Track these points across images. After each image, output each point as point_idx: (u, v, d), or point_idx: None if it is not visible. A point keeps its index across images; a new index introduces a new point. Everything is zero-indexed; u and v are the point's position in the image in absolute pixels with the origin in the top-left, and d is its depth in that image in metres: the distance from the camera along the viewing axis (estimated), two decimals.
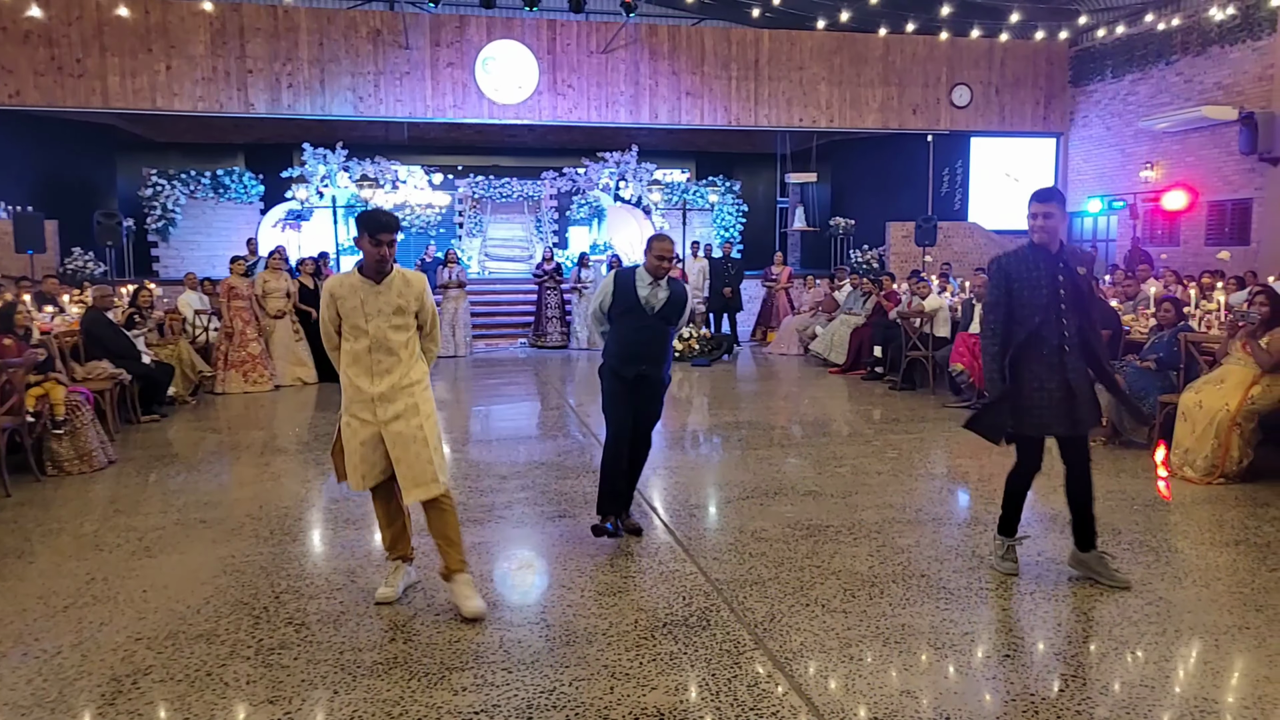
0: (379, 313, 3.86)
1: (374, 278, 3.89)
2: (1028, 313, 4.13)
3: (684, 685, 3.32)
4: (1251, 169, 14.77)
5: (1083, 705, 3.15)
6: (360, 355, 3.90)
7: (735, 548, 4.84)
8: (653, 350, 4.83)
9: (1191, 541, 4.93)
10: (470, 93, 16.90)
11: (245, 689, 3.32)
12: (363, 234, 3.83)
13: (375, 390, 3.87)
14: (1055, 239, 4.13)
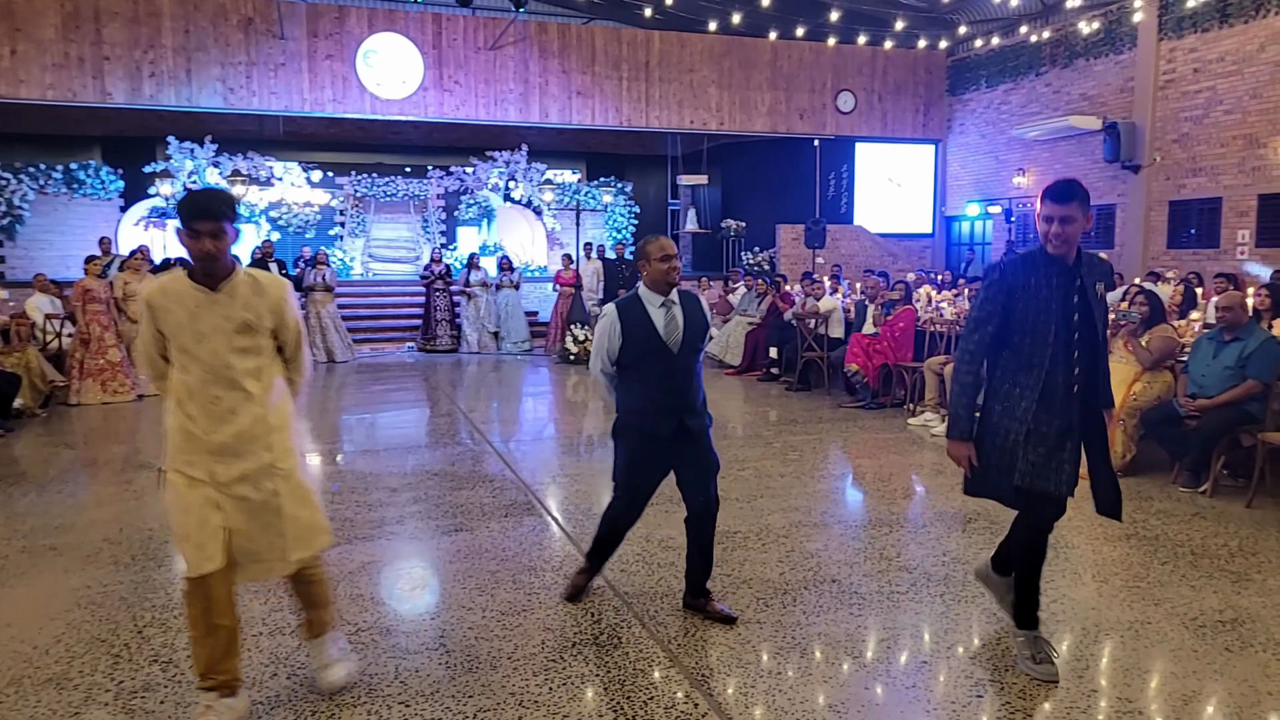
0: (216, 330, 2.83)
1: (206, 283, 2.84)
2: (1028, 339, 3.25)
3: (598, 711, 3.11)
4: (1115, 176, 15.51)
5: (1002, 710, 3.09)
6: (193, 390, 2.84)
7: (643, 558, 4.65)
8: (688, 392, 3.74)
9: (1085, 537, 5.01)
10: (351, 87, 16.26)
11: None
12: (180, 226, 2.85)
13: (213, 440, 2.83)
14: (1074, 248, 3.24)
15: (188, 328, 2.83)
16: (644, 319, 3.67)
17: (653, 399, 3.70)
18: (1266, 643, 3.57)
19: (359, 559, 4.68)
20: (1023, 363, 3.27)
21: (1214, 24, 13.64)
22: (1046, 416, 3.23)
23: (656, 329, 3.66)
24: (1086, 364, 3.27)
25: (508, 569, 4.54)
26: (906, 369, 9.04)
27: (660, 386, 3.69)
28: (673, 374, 3.69)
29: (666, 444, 3.72)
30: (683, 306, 3.72)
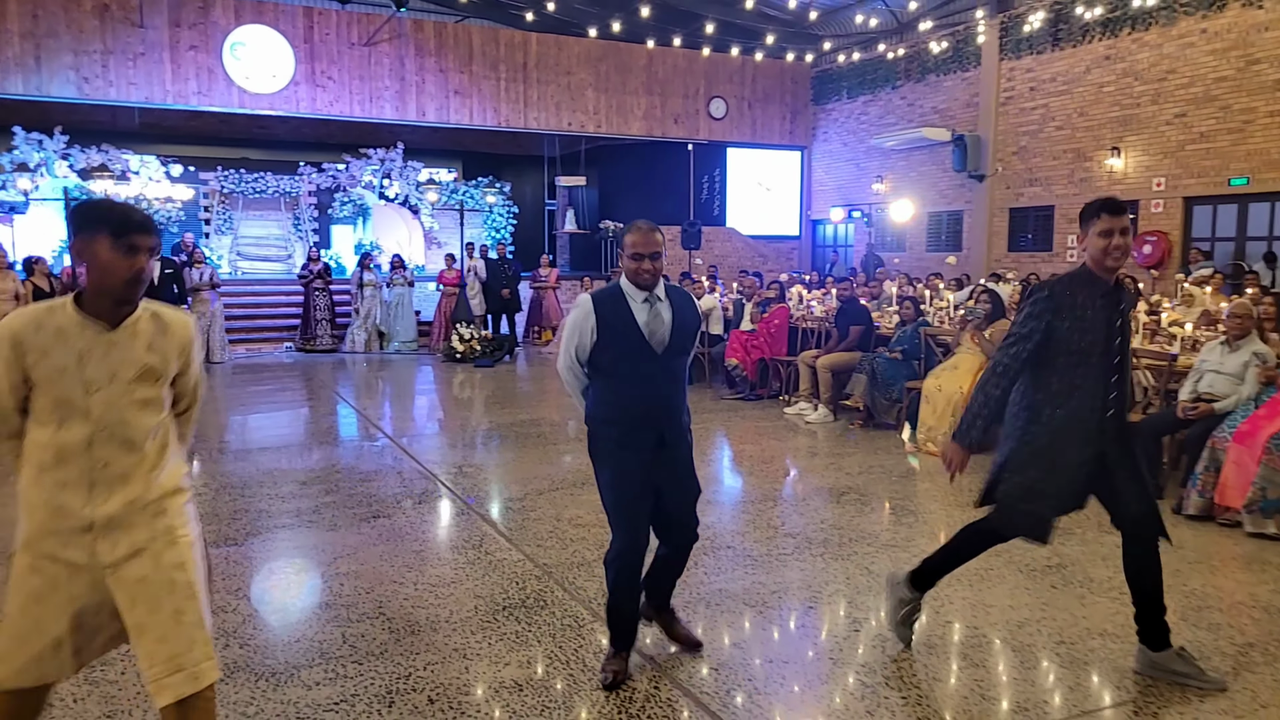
0: (112, 378, 2.23)
1: (107, 317, 2.25)
2: (1072, 360, 3.17)
3: (534, 659, 3.54)
4: (962, 185, 16.82)
5: (875, 641, 3.68)
6: (73, 452, 2.21)
7: (556, 534, 5.09)
8: (672, 401, 3.28)
9: (940, 504, 5.75)
10: (218, 79, 15.84)
11: (74, 706, 3.18)
12: (97, 236, 2.20)
13: (98, 513, 2.22)
14: (1118, 262, 3.16)
15: (73, 373, 2.20)
16: (624, 314, 3.18)
17: (629, 407, 3.21)
18: (1084, 580, 4.32)
19: (284, 544, 4.94)
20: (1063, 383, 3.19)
21: (1047, 47, 15.03)
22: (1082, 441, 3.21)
23: (638, 325, 3.18)
24: (1120, 391, 3.24)
25: (431, 548, 4.90)
26: (782, 363, 9.76)
27: (638, 392, 3.21)
28: (653, 378, 3.20)
29: (643, 459, 3.22)
30: (671, 303, 3.25)
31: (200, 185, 18.88)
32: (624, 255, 3.19)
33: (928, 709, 3.15)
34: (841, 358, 8.57)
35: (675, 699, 3.22)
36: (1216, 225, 12.90)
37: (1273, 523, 4.79)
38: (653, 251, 3.15)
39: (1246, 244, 12.51)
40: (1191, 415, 5.38)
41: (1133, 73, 13.67)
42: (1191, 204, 13.14)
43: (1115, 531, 4.80)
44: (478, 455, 7.26)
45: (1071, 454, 3.20)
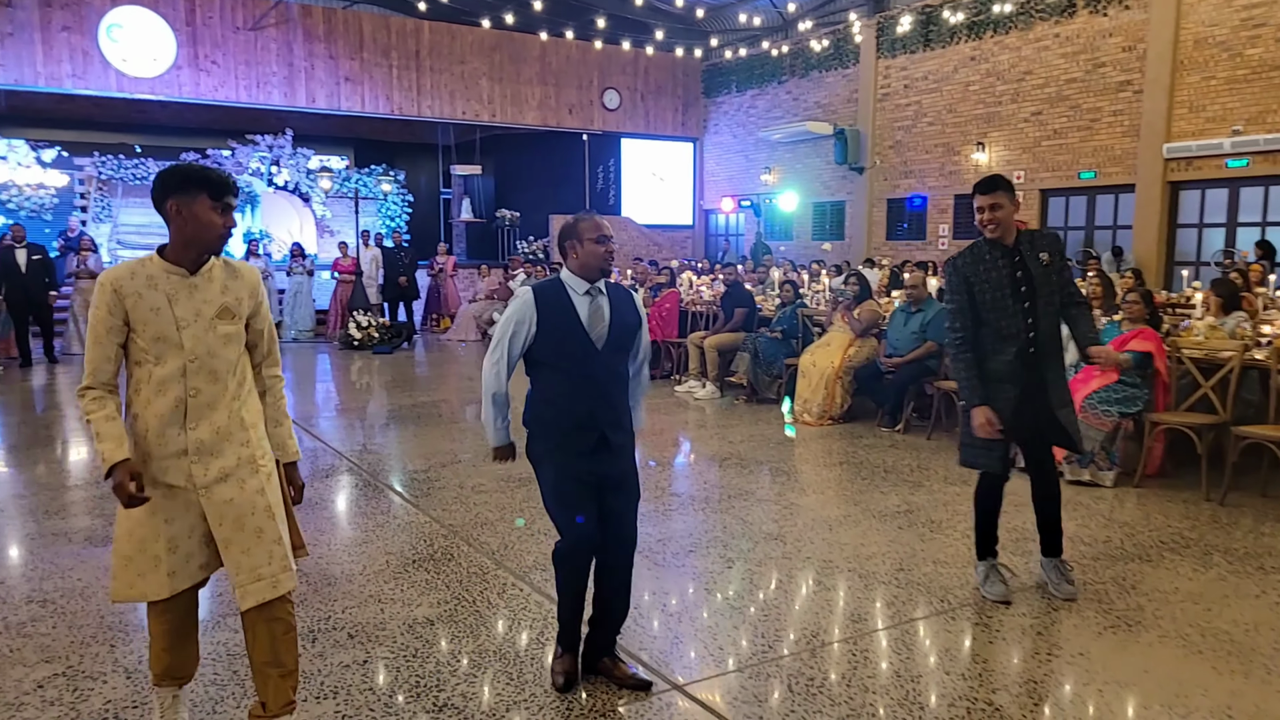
0: (198, 316, 2.55)
1: (188, 266, 2.56)
2: (992, 314, 3.72)
3: (445, 600, 3.94)
4: (844, 176, 17.70)
5: (746, 572, 4.21)
6: (170, 382, 2.54)
7: (460, 500, 5.47)
8: (613, 399, 3.17)
9: (811, 465, 6.37)
10: (94, 62, 15.37)
11: (11, 655, 3.43)
12: (198, 197, 2.50)
13: (191, 438, 2.55)
14: (1010, 231, 3.74)
15: (165, 312, 2.52)
16: (566, 307, 3.10)
17: (570, 404, 3.12)
18: (926, 523, 4.96)
19: None
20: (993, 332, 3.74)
21: (919, 47, 15.99)
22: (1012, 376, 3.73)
23: (580, 319, 3.09)
24: (1042, 332, 3.73)
25: (342, 515, 5.23)
26: (673, 344, 10.30)
27: (580, 389, 3.11)
28: (595, 375, 3.11)
29: (585, 460, 3.13)
30: (610, 298, 3.16)
31: (75, 171, 18.28)
32: (581, 242, 3.09)
33: (782, 623, 3.68)
34: (727, 338, 9.16)
35: None
36: (1069, 215, 14.05)
37: (1087, 471, 5.54)
38: (611, 235, 3.13)
39: (1095, 232, 13.68)
40: None
41: (995, 73, 14.70)
42: (1048, 195, 14.26)
43: (959, 483, 5.50)
44: (381, 435, 7.55)
45: (1006, 391, 3.72)
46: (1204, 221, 12.28)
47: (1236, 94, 11.47)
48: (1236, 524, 4.87)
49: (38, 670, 3.30)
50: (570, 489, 3.13)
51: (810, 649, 3.44)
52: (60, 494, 5.64)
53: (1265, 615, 3.67)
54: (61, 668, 3.33)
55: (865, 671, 3.24)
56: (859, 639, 3.53)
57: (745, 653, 3.42)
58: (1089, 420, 5.48)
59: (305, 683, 3.16)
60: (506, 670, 3.29)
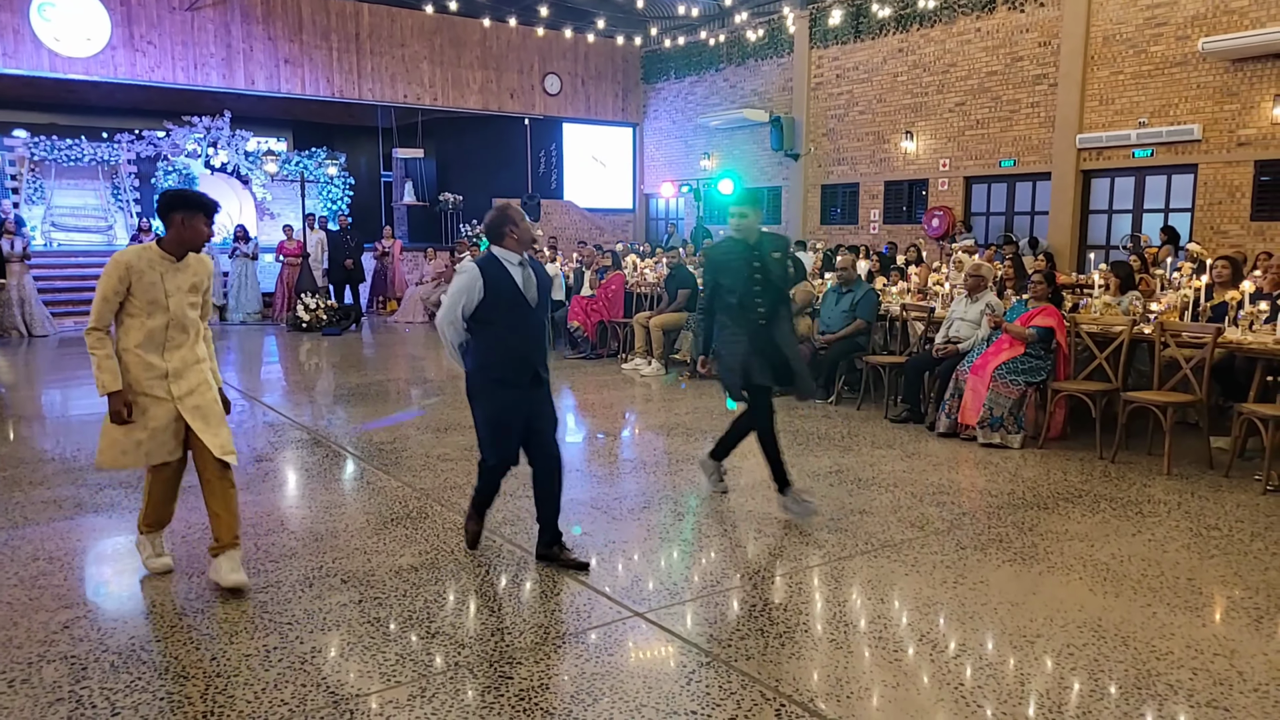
0: (178, 290, 3.84)
1: (175, 255, 3.85)
2: (730, 295, 4.82)
3: (425, 551, 4.36)
4: (780, 162, 18.29)
5: (703, 524, 4.71)
6: (157, 331, 3.82)
7: (428, 466, 5.87)
8: (542, 345, 4.21)
9: None
10: (25, 40, 15.13)
11: (30, 603, 3.76)
12: (197, 215, 3.84)
13: (169, 365, 3.85)
14: (751, 234, 4.85)
15: (159, 285, 3.79)
16: (505, 275, 3.98)
17: (512, 350, 4.01)
18: (854, 481, 5.52)
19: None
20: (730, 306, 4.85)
21: (850, 38, 16.61)
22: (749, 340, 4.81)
23: (517, 284, 3.98)
24: (769, 305, 4.83)
25: (318, 481, 5.59)
26: (619, 324, 10.75)
27: (519, 337, 4.02)
28: (529, 326, 4.05)
29: (522, 394, 4.04)
30: (531, 267, 4.10)
31: (4, 152, 17.97)
32: (517, 226, 4.05)
33: (729, 563, 4.18)
34: (671, 318, 9.65)
35: (544, 571, 4.12)
36: (991, 201, 14.83)
37: (997, 435, 6.17)
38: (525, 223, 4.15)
39: (1014, 217, 14.48)
40: (941, 355, 6.73)
41: (921, 64, 15.39)
42: (971, 182, 15.03)
43: (884, 447, 6.06)
44: (342, 411, 7.87)
45: (738, 349, 4.86)
46: (1113, 208, 13.14)
47: (1142, 88, 12.30)
48: (1124, 478, 5.52)
49: (60, 614, 3.64)
50: (506, 419, 4.09)
51: (754, 583, 3.95)
52: (38, 468, 5.88)
53: (1138, 549, 4.29)
54: (82, 612, 3.67)
55: (801, 598, 3.76)
56: (796, 574, 4.05)
57: (696, 586, 3.91)
58: (999, 389, 6.10)
59: (309, 619, 3.57)
60: (489, 605, 3.73)
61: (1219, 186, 11.65)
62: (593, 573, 4.05)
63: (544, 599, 3.81)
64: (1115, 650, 3.26)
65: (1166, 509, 4.91)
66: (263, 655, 3.29)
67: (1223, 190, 11.62)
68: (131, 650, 3.33)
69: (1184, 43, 11.76)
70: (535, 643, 3.37)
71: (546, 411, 4.19)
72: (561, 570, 4.11)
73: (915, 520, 4.73)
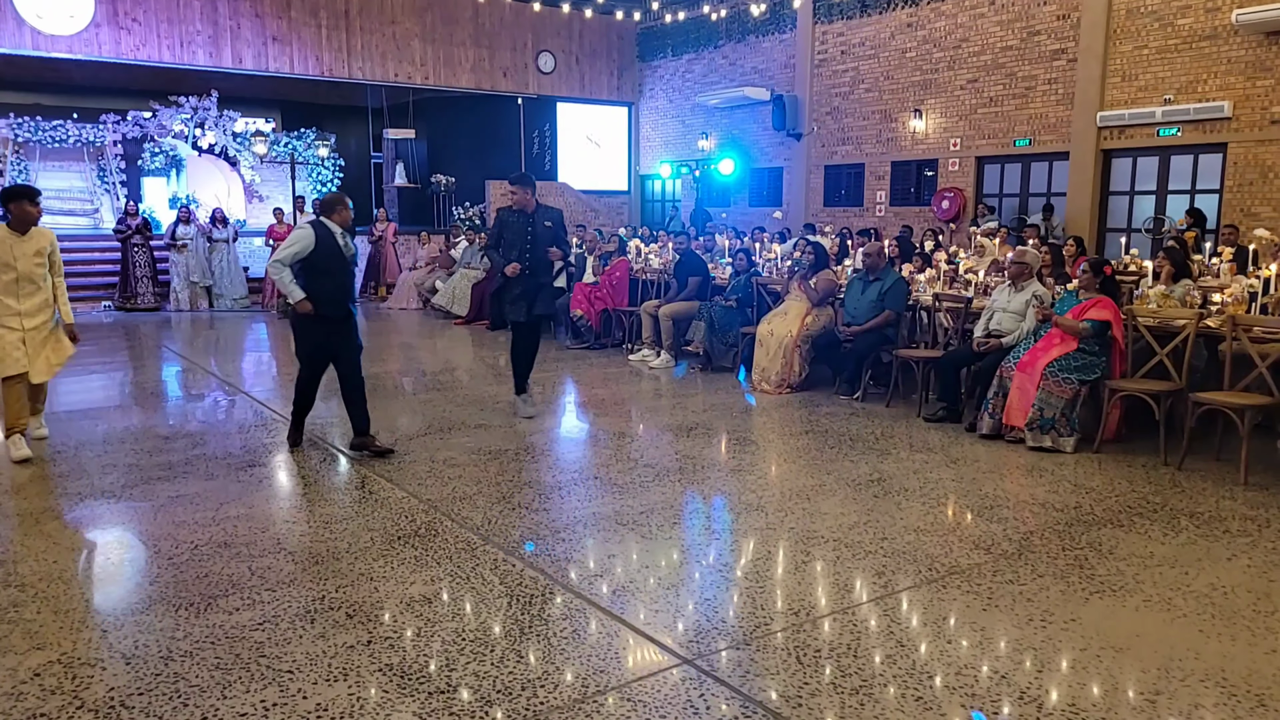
0: (24, 256, 5.58)
1: (20, 231, 5.61)
2: (510, 247, 6.61)
3: (437, 577, 3.91)
4: (781, 142, 17.78)
5: (732, 541, 4.28)
6: (10, 284, 5.56)
7: (434, 474, 5.42)
8: (351, 291, 5.86)
9: (778, 435, 6.46)
10: (7, 18, 14.54)
11: None
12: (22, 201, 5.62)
13: (22, 306, 5.59)
14: (530, 205, 6.67)
15: (9, 254, 5.54)
16: (331, 237, 5.60)
17: (332, 293, 5.61)
18: (899, 491, 5.09)
19: (165, 494, 5.04)
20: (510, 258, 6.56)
21: (856, 13, 16.08)
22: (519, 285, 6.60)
23: (340, 247, 5.64)
24: (535, 261, 6.62)
25: (316, 491, 5.14)
26: (624, 313, 10.29)
27: (337, 284, 5.65)
28: (346, 276, 5.73)
29: (334, 325, 5.65)
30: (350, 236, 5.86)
31: None
32: (344, 211, 5.70)
33: (778, 594, 3.75)
34: (681, 307, 9.19)
35: (573, 604, 3.69)
36: (1004, 182, 14.38)
37: (1048, 437, 5.74)
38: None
39: (1029, 199, 14.04)
40: (983, 349, 6.30)
41: (932, 40, 14.89)
42: (983, 163, 14.56)
43: (924, 450, 5.64)
44: (338, 408, 7.36)
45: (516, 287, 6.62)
46: (1135, 189, 12.70)
47: (1168, 63, 11.83)
48: (1197, 488, 5.09)
49: (31, 658, 3.19)
50: (323, 343, 5.69)
51: (811, 619, 3.51)
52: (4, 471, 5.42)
53: (1239, 578, 3.86)
54: (55, 654, 3.22)
55: (869, 642, 3.33)
56: (855, 609, 3.62)
57: (749, 624, 3.48)
58: (1050, 388, 5.68)
59: (312, 666, 3.13)
60: (515, 647, 3.29)
61: (1250, 167, 11.22)
62: (631, 604, 3.61)
63: (577, 639, 3.36)
64: (1252, 714, 2.83)
65: (1257, 526, 4.48)
66: (260, 714, 2.85)
67: (1254, 170, 11.19)
68: (111, 708, 2.89)
69: (1214, 15, 11.29)
70: (575, 699, 2.94)
71: (351, 340, 5.79)
72: (586, 603, 3.67)
73: (979, 540, 4.30)
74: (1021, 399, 5.78)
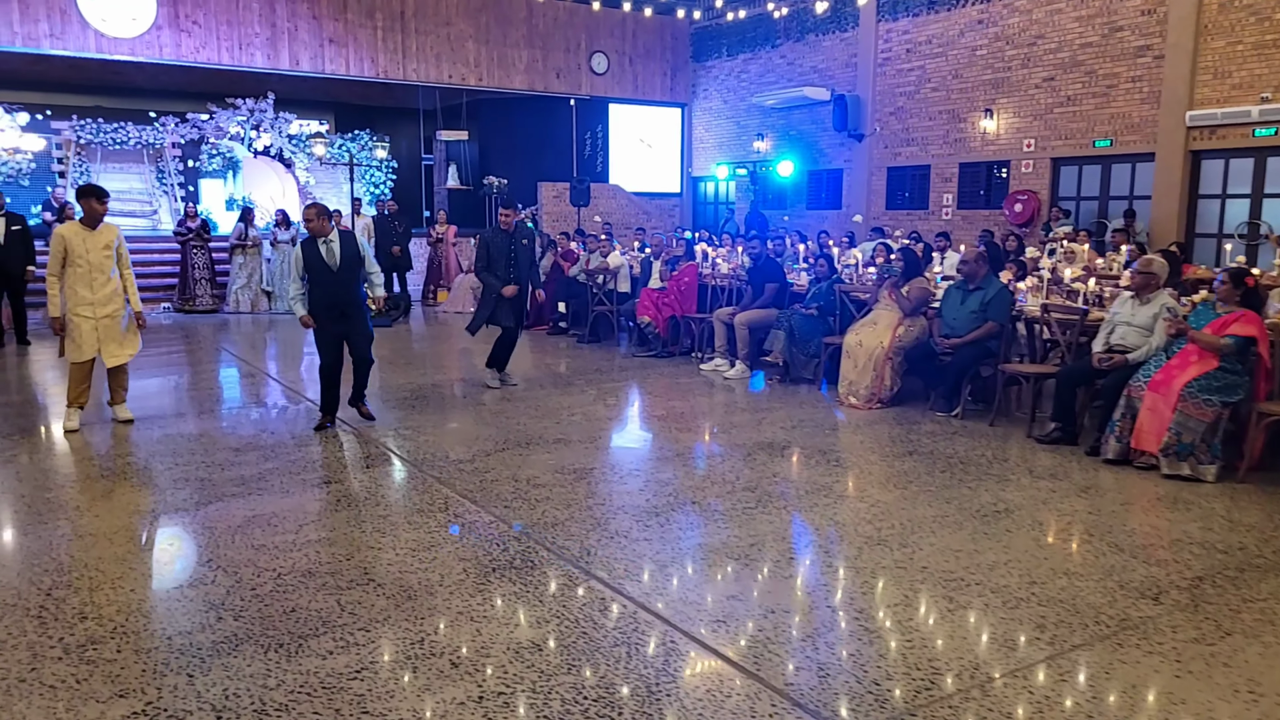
0: (95, 249, 6.30)
1: (91, 226, 6.34)
2: (496, 265, 7.79)
3: (543, 619, 3.57)
4: (842, 143, 17.32)
5: (858, 584, 3.89)
6: (83, 275, 6.25)
7: (519, 495, 5.09)
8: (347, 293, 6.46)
9: (878, 455, 6.04)
10: (72, 21, 14.61)
11: (79, 687, 3.02)
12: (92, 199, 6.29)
13: (95, 296, 6.30)
14: (510, 225, 7.81)
15: (82, 246, 6.24)
16: (316, 252, 6.34)
17: (323, 297, 6.36)
18: (1032, 524, 4.65)
19: (240, 514, 4.76)
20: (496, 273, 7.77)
21: (923, 10, 15.58)
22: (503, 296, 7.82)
23: (323, 257, 6.33)
24: (521, 273, 7.86)
25: (397, 513, 4.82)
26: (693, 319, 9.91)
27: (326, 289, 6.35)
28: (333, 281, 6.36)
29: (332, 324, 6.39)
30: (340, 241, 6.41)
31: (52, 135, 17.43)
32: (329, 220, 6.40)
33: (927, 651, 3.35)
34: (759, 314, 8.79)
35: (704, 660, 3.33)
36: (1082, 184, 13.80)
37: (1186, 465, 5.27)
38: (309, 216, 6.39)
39: (1109, 202, 13.44)
40: (1106, 366, 5.83)
41: (1004, 37, 14.35)
42: (1059, 164, 13.99)
43: (1047, 477, 5.21)
44: (408, 417, 7.08)
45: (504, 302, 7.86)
46: (1227, 192, 12.07)
47: (1265, 59, 11.22)
48: None
49: (114, 707, 2.90)
50: (326, 338, 6.43)
51: (979, 683, 3.10)
52: (54, 492, 5.17)
53: None
54: (140, 703, 2.93)
55: (1057, 716, 2.92)
56: (1027, 670, 3.19)
57: (908, 689, 3.07)
58: (1189, 410, 5.20)
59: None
60: (645, 711, 2.93)
61: None
62: (769, 661, 3.24)
63: (715, 704, 2.98)
64: None
65: None
66: None
67: None
68: None
69: None
70: None
71: (356, 332, 6.52)
72: (719, 658, 3.29)
73: (1143, 587, 3.85)
74: (1154, 422, 5.31)
